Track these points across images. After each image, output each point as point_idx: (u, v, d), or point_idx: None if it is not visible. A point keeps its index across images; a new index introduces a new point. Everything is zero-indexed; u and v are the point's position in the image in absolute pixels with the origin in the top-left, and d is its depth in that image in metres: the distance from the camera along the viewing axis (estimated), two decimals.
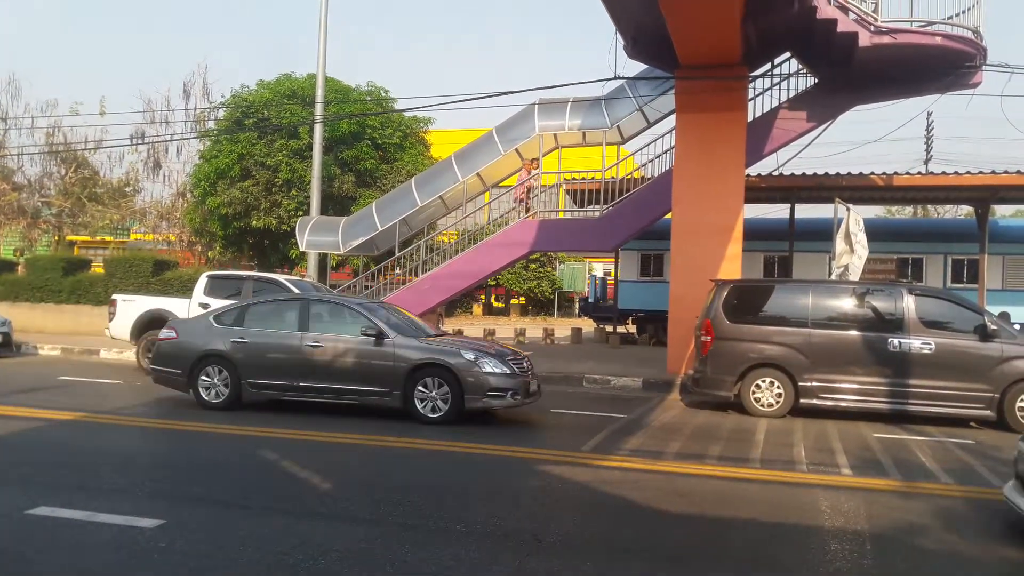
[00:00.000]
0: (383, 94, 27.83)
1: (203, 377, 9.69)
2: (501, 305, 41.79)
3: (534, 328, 29.06)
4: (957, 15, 12.89)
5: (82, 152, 35.08)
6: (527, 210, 17.16)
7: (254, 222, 26.07)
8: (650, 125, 17.18)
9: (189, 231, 32.94)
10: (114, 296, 14.31)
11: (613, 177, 16.99)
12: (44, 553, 4.48)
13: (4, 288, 21.08)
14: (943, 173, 18.33)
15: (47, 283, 20.72)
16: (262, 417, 9.26)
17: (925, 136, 39.30)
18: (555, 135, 16.89)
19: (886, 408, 10.24)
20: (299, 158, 25.60)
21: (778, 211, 23.47)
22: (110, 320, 13.90)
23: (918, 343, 10.18)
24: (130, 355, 14.65)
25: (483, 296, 40.92)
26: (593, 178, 18.01)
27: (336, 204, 25.50)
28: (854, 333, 10.49)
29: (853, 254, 12.48)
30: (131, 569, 4.26)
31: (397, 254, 17.85)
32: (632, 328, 24.03)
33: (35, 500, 5.36)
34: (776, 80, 15.23)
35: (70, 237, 38.73)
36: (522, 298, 40.53)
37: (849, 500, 6.19)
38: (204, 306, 13.21)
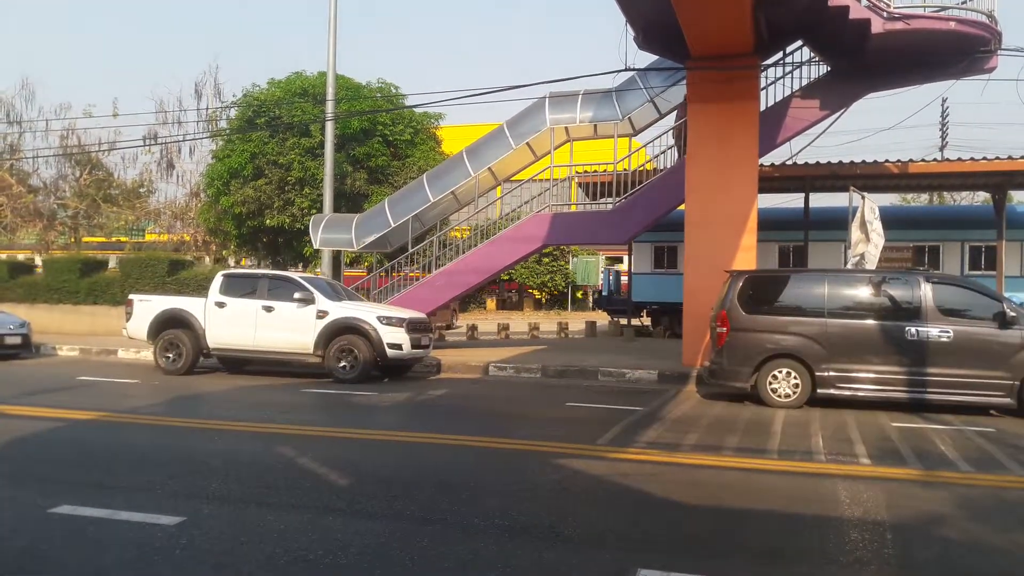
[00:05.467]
0: (393, 91, 27.85)
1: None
2: (516, 299, 41.78)
3: (548, 322, 29.04)
4: None
5: (96, 154, 35.37)
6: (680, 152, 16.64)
7: (267, 221, 26.19)
8: (662, 116, 17.10)
9: (203, 231, 33.15)
10: (131, 296, 14.40)
11: (625, 169, 16.93)
12: (67, 551, 4.52)
13: (23, 290, 21.28)
14: (959, 159, 18.14)
15: (64, 284, 20.90)
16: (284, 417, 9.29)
17: (940, 122, 38.96)
18: (566, 128, 16.84)
19: (904, 397, 10.17)
20: (311, 156, 25.69)
21: (792, 200, 23.34)
22: (127, 320, 14.00)
23: (936, 331, 10.09)
24: (147, 355, 14.76)
25: (496, 290, 40.92)
26: (605, 171, 17.95)
27: (349, 201, 25.57)
28: (871, 322, 10.41)
29: (869, 242, 12.38)
30: (153, 566, 4.29)
31: (410, 250, 17.87)
32: (646, 321, 23.98)
33: (57, 499, 5.41)
34: (788, 69, 15.13)
35: (84, 239, 39.02)
36: (536, 291, 40.51)
37: (868, 490, 6.15)
38: (220, 304, 13.30)
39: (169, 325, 13.54)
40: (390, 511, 5.34)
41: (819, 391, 10.42)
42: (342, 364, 12.69)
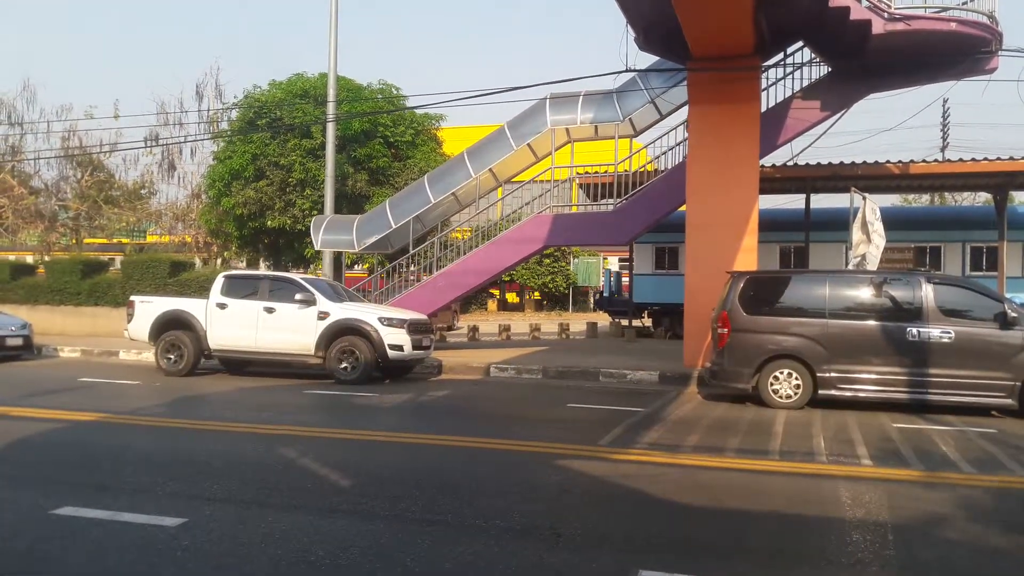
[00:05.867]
0: (394, 92, 27.83)
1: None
2: (516, 300, 41.79)
3: (549, 323, 29.04)
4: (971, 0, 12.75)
5: (97, 155, 35.39)
6: None
7: (269, 222, 26.18)
8: (663, 117, 17.11)
9: (205, 232, 33.13)
10: (132, 298, 14.41)
11: (626, 170, 16.94)
12: (69, 552, 4.53)
13: (24, 291, 21.30)
14: (960, 160, 18.15)
15: (66, 286, 20.92)
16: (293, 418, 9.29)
17: (941, 123, 38.94)
18: (567, 129, 16.85)
19: (906, 398, 10.16)
20: (312, 157, 25.68)
21: (794, 201, 23.35)
22: (128, 322, 14.01)
23: (937, 332, 10.09)
24: (149, 356, 14.76)
25: (497, 292, 40.92)
26: (606, 172, 17.96)
27: (350, 203, 25.55)
28: (872, 323, 10.41)
29: (870, 243, 12.39)
30: (155, 567, 4.30)
31: (411, 251, 17.88)
32: (648, 322, 23.98)
33: (59, 500, 5.42)
34: (789, 70, 15.12)
35: (86, 240, 39.01)
36: (536, 293, 40.51)
37: (870, 491, 6.15)
38: (221, 306, 13.31)
39: (170, 326, 13.54)
40: (391, 512, 5.35)
41: (820, 392, 10.42)
42: (343, 365, 12.69)
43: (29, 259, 33.88)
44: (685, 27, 12.26)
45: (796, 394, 10.46)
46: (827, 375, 10.38)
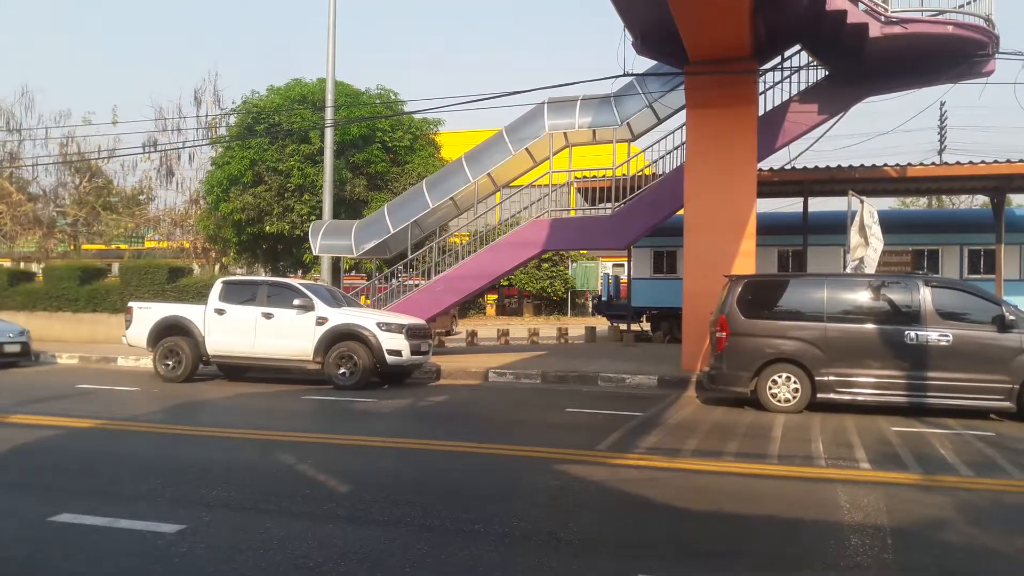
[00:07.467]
0: (392, 97, 27.90)
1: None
2: (514, 305, 41.79)
3: (548, 327, 29.04)
4: (968, 3, 12.79)
5: (95, 161, 35.39)
6: None
7: (267, 227, 26.22)
8: (660, 121, 17.12)
9: (203, 238, 33.14)
10: (130, 304, 14.41)
11: (624, 174, 16.95)
12: (67, 560, 4.52)
13: (23, 298, 21.27)
14: (957, 163, 18.15)
15: (64, 292, 20.90)
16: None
17: (938, 126, 39.06)
18: (565, 133, 16.88)
19: (904, 401, 10.17)
20: (310, 162, 25.72)
21: (791, 205, 23.40)
22: (127, 328, 14.00)
23: (935, 335, 10.09)
24: (147, 362, 14.75)
25: (496, 296, 40.92)
26: (604, 176, 17.98)
27: (348, 208, 25.60)
28: (870, 326, 10.41)
29: (868, 247, 12.40)
30: (153, 574, 4.29)
31: (410, 256, 17.89)
32: (646, 326, 23.98)
33: (57, 507, 5.41)
34: (786, 73, 15.15)
35: (84, 246, 38.92)
36: (535, 299, 40.51)
37: (869, 494, 6.15)
38: (220, 311, 13.30)
39: (168, 332, 13.53)
40: (390, 518, 5.34)
41: (819, 396, 10.42)
42: (342, 371, 12.68)
43: (31, 266, 33.87)
44: (682, 31, 12.29)
45: (794, 398, 10.46)
46: (825, 379, 10.38)
